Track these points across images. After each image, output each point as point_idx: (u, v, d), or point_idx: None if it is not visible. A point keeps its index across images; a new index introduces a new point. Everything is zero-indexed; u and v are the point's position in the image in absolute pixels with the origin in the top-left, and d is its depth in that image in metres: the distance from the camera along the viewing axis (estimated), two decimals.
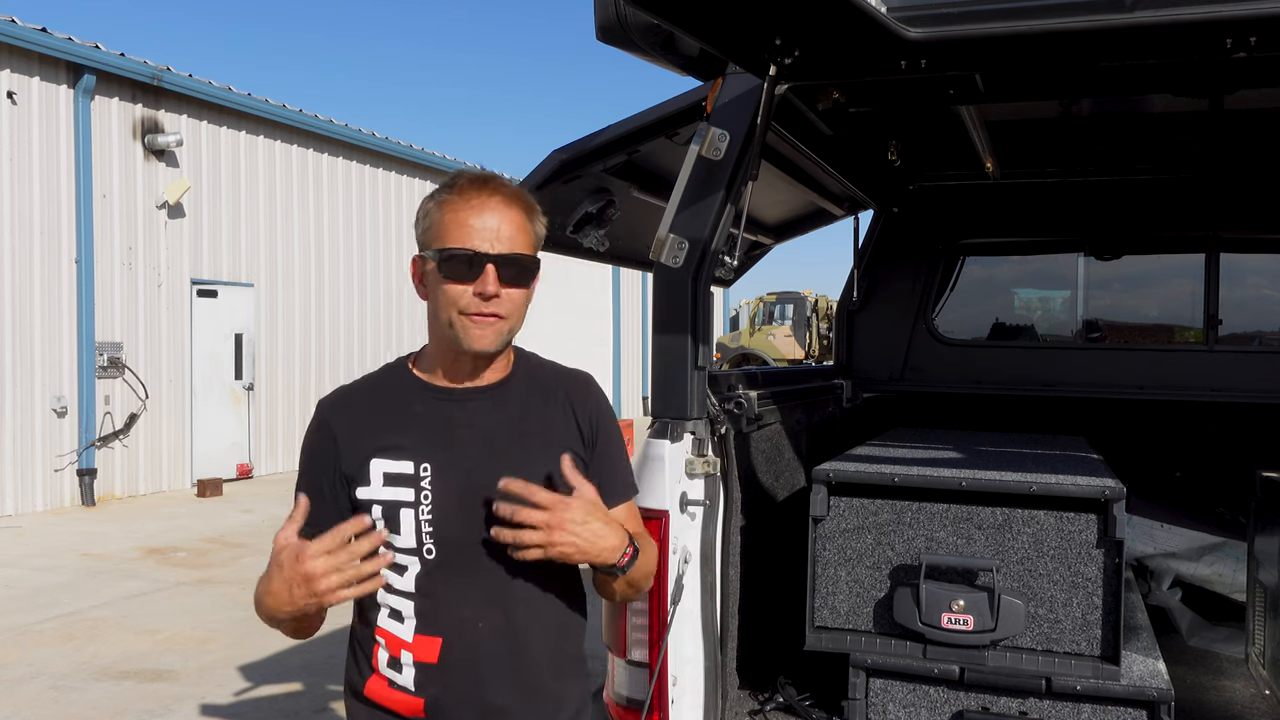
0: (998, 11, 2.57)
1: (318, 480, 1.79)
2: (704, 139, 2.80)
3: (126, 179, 12.28)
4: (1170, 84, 3.17)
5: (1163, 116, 3.87)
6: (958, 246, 4.94)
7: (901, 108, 3.68)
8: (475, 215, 1.72)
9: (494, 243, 1.71)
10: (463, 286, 1.71)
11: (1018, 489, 2.76)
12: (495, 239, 1.71)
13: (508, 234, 1.73)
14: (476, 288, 1.70)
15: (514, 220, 1.74)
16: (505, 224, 1.73)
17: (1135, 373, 4.58)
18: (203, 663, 6.03)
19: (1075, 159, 4.54)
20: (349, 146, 15.93)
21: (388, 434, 1.78)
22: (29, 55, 11.14)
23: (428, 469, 1.75)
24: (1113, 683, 2.67)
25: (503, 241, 1.72)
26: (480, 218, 1.72)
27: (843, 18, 2.55)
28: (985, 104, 3.45)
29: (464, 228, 1.71)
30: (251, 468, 14.00)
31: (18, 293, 11.05)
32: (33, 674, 5.81)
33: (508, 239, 1.72)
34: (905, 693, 2.84)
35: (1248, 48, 2.55)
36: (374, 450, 1.77)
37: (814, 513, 2.93)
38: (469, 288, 1.70)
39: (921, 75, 2.88)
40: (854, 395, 4.62)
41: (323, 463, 1.79)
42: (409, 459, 1.76)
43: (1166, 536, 4.15)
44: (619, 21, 2.85)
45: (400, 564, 1.76)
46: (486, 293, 1.70)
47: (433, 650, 1.74)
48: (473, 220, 1.71)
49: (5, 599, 7.45)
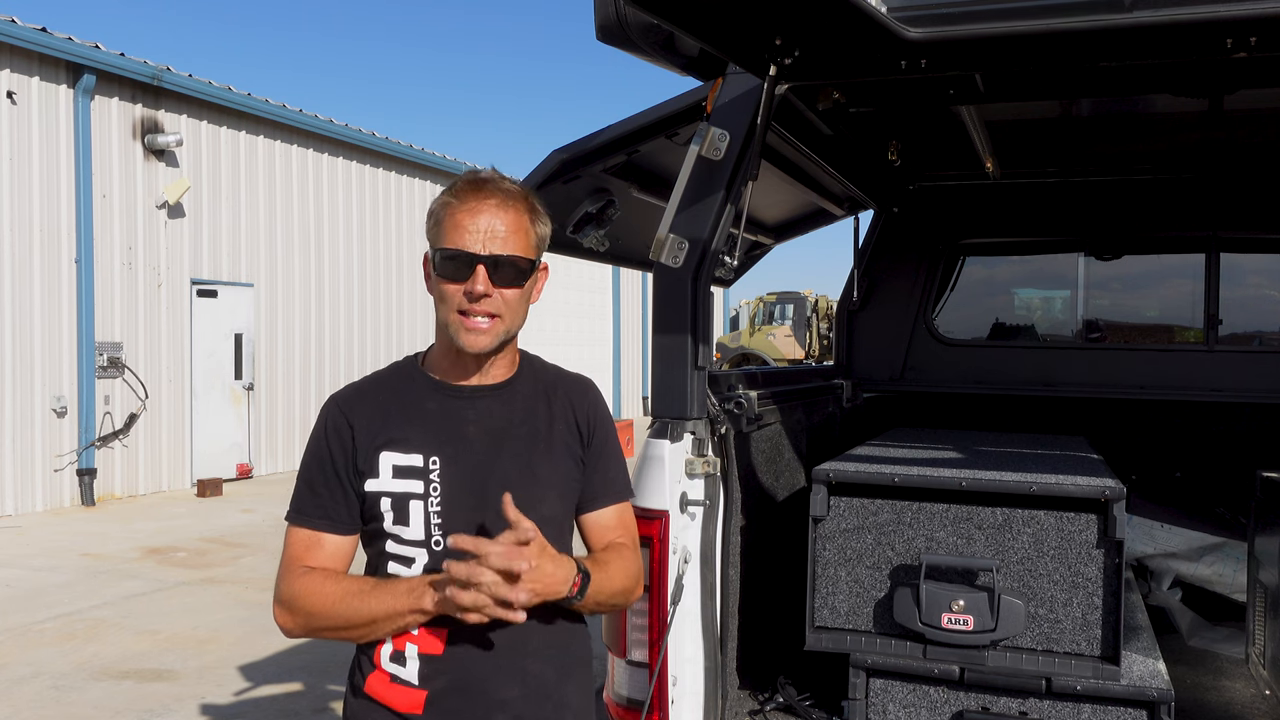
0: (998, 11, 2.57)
1: (331, 470, 1.80)
2: (704, 139, 2.80)
3: (126, 179, 12.28)
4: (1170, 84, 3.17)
5: (1163, 116, 3.87)
6: (958, 246, 4.94)
7: (901, 108, 3.68)
8: (470, 217, 1.74)
9: (486, 243, 1.73)
10: (456, 286, 1.74)
11: (1018, 489, 2.76)
12: (488, 240, 1.73)
13: (501, 234, 1.74)
14: (467, 287, 1.73)
15: (509, 221, 1.76)
16: (499, 225, 1.74)
17: (1135, 373, 4.58)
18: (203, 663, 6.03)
19: (1075, 159, 4.54)
20: (349, 146, 15.93)
21: (398, 428, 1.80)
22: (29, 55, 11.14)
23: (436, 462, 1.77)
24: (1113, 683, 2.67)
25: (495, 242, 1.74)
26: (474, 219, 1.74)
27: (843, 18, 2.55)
28: (985, 104, 3.45)
29: (458, 229, 1.74)
30: (251, 468, 14.00)
31: (18, 293, 11.05)
32: (33, 674, 5.82)
33: (501, 240, 1.74)
34: (905, 693, 2.84)
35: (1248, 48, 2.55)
36: (384, 443, 1.79)
37: (814, 513, 2.93)
38: (462, 287, 1.73)
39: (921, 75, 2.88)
40: (854, 395, 4.62)
41: (335, 455, 1.80)
42: (418, 452, 1.78)
43: (1167, 536, 4.15)
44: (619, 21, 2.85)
45: (408, 556, 1.78)
46: (475, 292, 1.72)
47: (438, 641, 1.76)
48: (467, 221, 1.74)
49: (5, 599, 7.46)
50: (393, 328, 16.98)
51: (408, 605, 1.68)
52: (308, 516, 1.80)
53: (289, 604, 1.76)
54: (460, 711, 1.76)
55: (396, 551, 1.79)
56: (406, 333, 17.18)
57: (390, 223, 16.89)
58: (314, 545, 1.79)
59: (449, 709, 1.76)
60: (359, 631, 1.74)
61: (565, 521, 1.88)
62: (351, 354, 16.03)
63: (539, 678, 1.81)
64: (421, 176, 17.65)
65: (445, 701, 1.76)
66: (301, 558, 1.79)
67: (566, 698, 1.86)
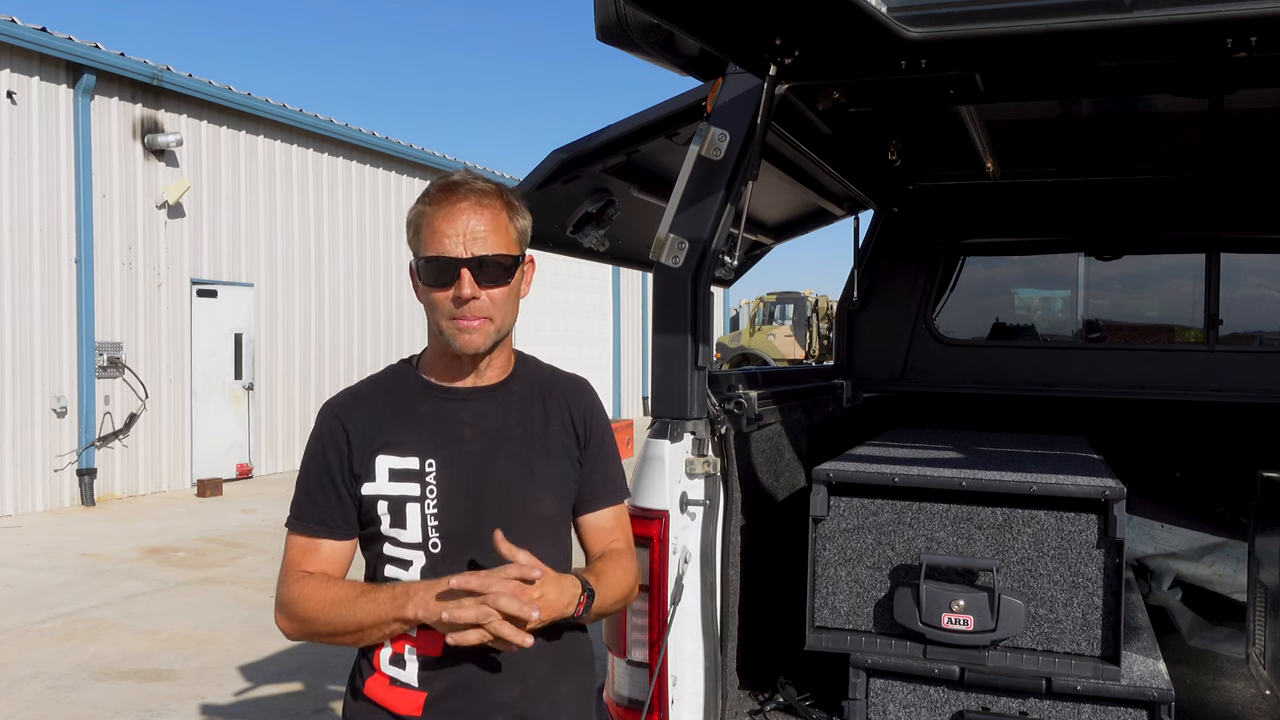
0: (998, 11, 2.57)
1: (327, 476, 1.80)
2: (704, 139, 2.80)
3: (126, 179, 12.28)
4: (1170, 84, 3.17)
5: (1163, 116, 3.87)
6: (958, 246, 4.94)
7: (901, 108, 3.68)
8: (446, 221, 1.73)
9: (467, 245, 1.72)
10: (444, 293, 1.74)
11: (1018, 489, 2.76)
12: (469, 241, 1.73)
13: (481, 235, 1.74)
14: (454, 292, 1.72)
15: (487, 220, 1.75)
16: (478, 225, 1.74)
17: (1135, 373, 4.58)
18: (203, 662, 6.03)
19: (1075, 159, 4.54)
20: (349, 146, 15.93)
21: (393, 431, 1.80)
22: (29, 55, 11.14)
23: (432, 465, 1.77)
24: (1113, 683, 2.67)
25: (476, 243, 1.73)
26: (451, 223, 1.73)
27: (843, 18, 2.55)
28: (985, 104, 3.45)
29: (436, 234, 1.73)
30: (251, 467, 14.01)
31: (17, 292, 11.05)
32: (33, 674, 5.82)
33: (481, 240, 1.73)
34: (905, 693, 2.84)
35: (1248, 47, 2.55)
36: (380, 447, 1.79)
37: (814, 513, 2.93)
38: (449, 293, 1.73)
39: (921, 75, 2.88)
40: (854, 395, 4.62)
41: (332, 460, 1.80)
42: (414, 455, 1.78)
43: (1167, 536, 4.15)
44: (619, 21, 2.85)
45: (405, 559, 1.78)
46: (463, 297, 1.72)
47: (435, 644, 1.75)
48: (443, 226, 1.73)
49: (5, 599, 7.46)
50: (392, 327, 16.98)
51: (390, 614, 1.68)
52: (305, 522, 1.81)
53: (287, 609, 1.76)
54: (459, 712, 1.76)
55: (394, 554, 1.79)
56: (406, 332, 17.19)
57: (390, 222, 16.89)
58: (311, 550, 1.80)
59: (448, 710, 1.76)
60: (350, 637, 1.75)
61: (562, 521, 1.89)
62: (351, 354, 16.03)
63: (537, 678, 1.81)
64: (422, 176, 17.64)
65: (444, 703, 1.76)
66: (300, 562, 1.79)
67: (563, 699, 1.86)
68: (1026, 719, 2.74)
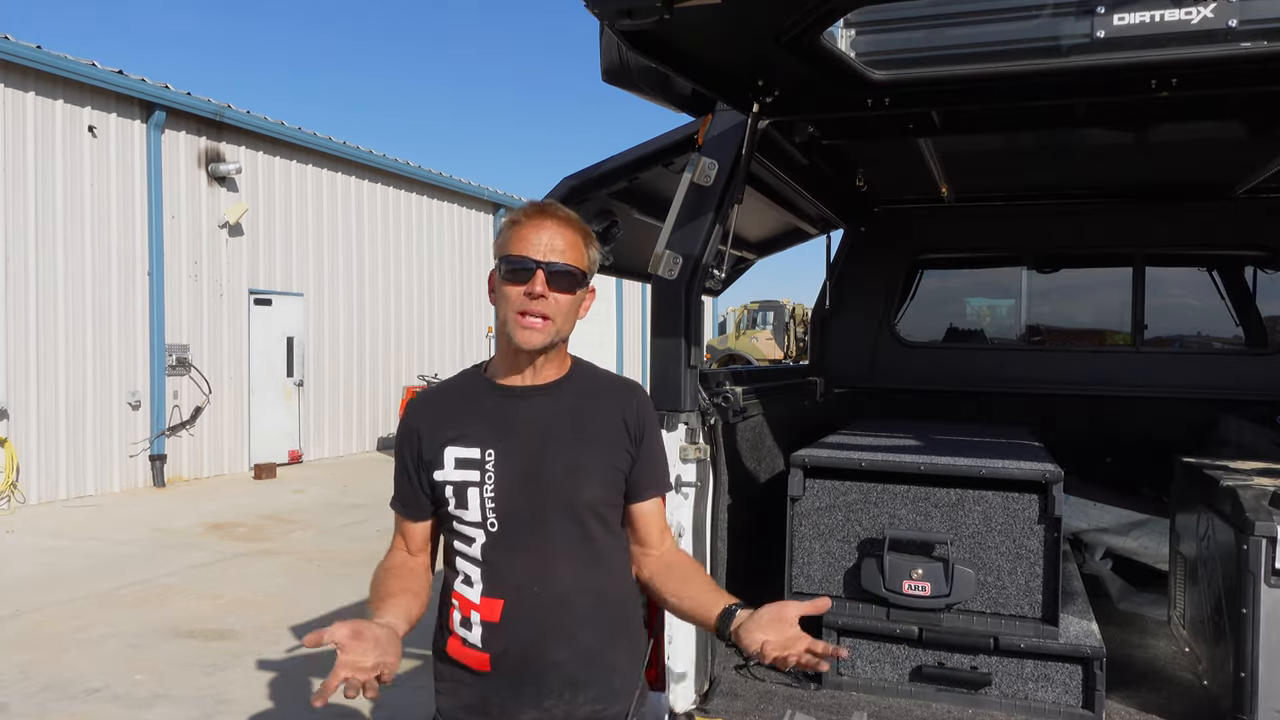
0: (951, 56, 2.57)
1: (402, 466, 1.88)
2: (696, 167, 2.80)
3: (192, 202, 12.27)
4: (1102, 120, 3.17)
5: (1096, 148, 3.87)
6: (917, 261, 4.94)
7: (868, 140, 3.68)
8: (533, 231, 1.78)
9: (546, 254, 1.76)
10: (517, 288, 1.76)
11: (969, 472, 2.76)
12: (548, 251, 1.76)
13: (559, 248, 1.77)
14: (526, 288, 1.75)
15: (567, 239, 1.79)
16: (558, 240, 1.78)
17: (1072, 371, 4.59)
18: (260, 623, 6.03)
19: (1019, 185, 4.54)
20: (386, 174, 15.90)
21: (460, 426, 1.82)
22: (107, 94, 11.12)
23: (492, 454, 1.79)
24: (1052, 641, 2.67)
25: (554, 254, 1.77)
26: (537, 233, 1.77)
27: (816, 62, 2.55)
28: (940, 137, 3.45)
29: (523, 241, 1.77)
30: (301, 454, 14.00)
31: (98, 302, 11.05)
32: (112, 633, 5.82)
33: (559, 252, 1.77)
34: (871, 650, 2.84)
35: (1170, 88, 2.56)
36: (448, 439, 1.82)
37: (791, 493, 2.93)
38: (522, 288, 1.75)
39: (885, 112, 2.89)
40: (826, 391, 4.62)
41: (405, 453, 1.86)
42: (476, 446, 1.80)
43: (1099, 514, 4.15)
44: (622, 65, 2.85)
45: (469, 535, 1.81)
46: (534, 292, 1.74)
47: (495, 610, 1.77)
48: (531, 235, 1.77)
49: (86, 568, 7.45)
50: (424, 332, 16.96)
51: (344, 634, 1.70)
52: (395, 503, 1.91)
53: None
54: (520, 671, 1.78)
55: (460, 530, 1.82)
56: (436, 336, 17.17)
57: (421, 240, 16.87)
58: (399, 525, 1.91)
59: (510, 669, 1.79)
60: None
61: (609, 505, 1.85)
62: (389, 354, 16.01)
63: (586, 643, 1.81)
64: (451, 201, 17.64)
65: (506, 662, 1.79)
66: (396, 534, 1.92)
67: (614, 662, 1.85)
68: (977, 673, 2.75)
